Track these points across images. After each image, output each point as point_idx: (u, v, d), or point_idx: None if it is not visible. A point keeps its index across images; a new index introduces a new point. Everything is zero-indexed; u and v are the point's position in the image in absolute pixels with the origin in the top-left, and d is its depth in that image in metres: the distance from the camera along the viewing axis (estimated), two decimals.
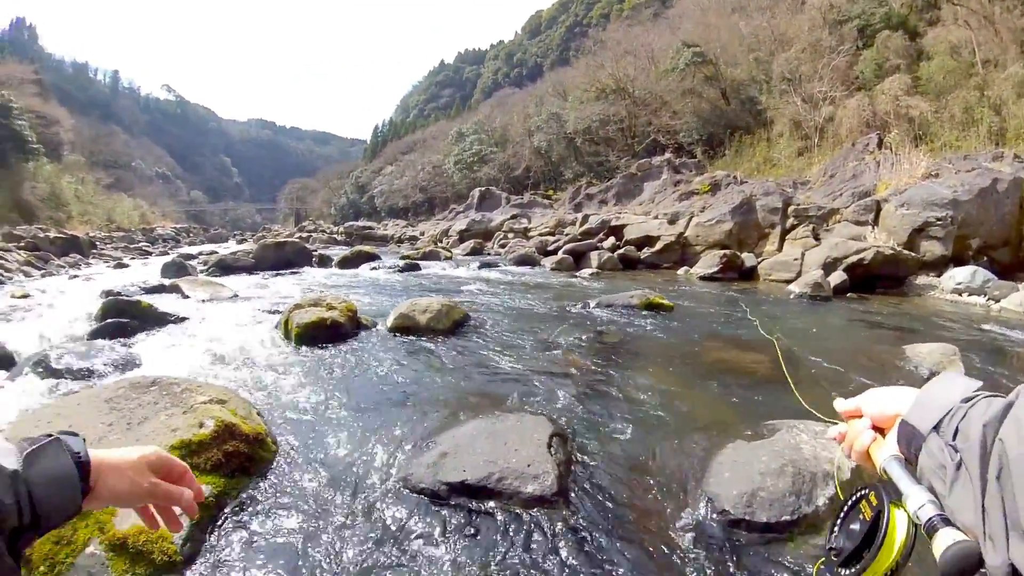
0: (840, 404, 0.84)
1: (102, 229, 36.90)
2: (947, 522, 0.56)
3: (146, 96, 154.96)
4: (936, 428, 0.62)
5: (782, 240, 12.26)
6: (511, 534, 2.30)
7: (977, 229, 9.74)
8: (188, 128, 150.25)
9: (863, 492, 0.68)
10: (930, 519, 0.57)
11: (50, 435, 0.67)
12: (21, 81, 41.91)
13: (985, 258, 9.61)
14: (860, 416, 0.79)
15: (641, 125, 27.61)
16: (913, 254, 9.72)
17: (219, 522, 2.29)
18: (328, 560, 2.14)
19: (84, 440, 0.71)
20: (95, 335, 5.13)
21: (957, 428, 0.59)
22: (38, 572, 1.96)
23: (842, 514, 0.70)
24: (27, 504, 0.60)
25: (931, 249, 9.83)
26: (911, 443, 0.65)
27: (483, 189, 31.73)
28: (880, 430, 0.75)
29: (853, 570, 0.62)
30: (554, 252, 14.94)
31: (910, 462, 0.66)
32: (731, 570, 2.14)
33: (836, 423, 0.85)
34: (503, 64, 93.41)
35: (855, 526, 0.66)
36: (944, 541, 0.54)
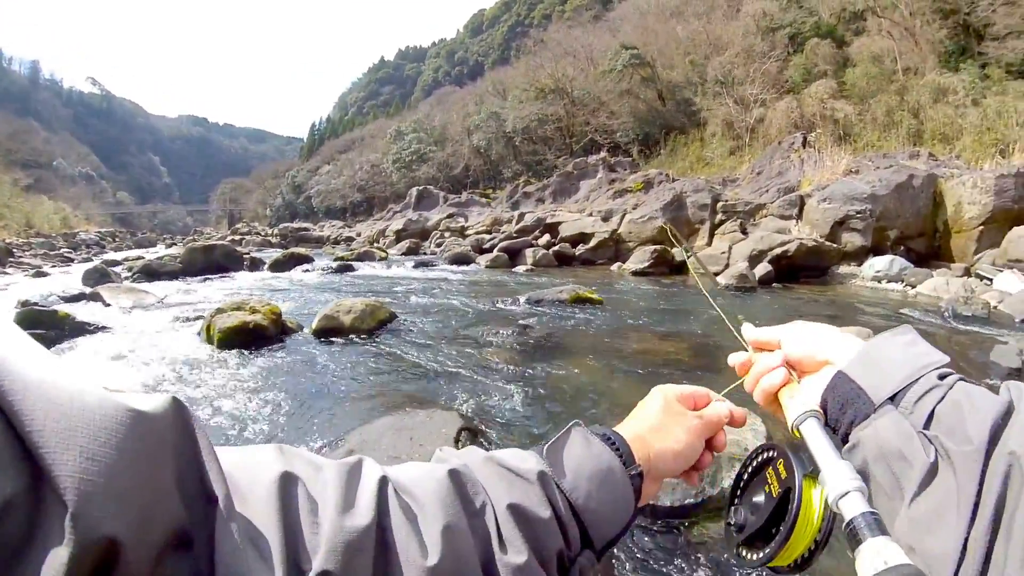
0: (751, 331, 0.67)
1: (20, 235, 34.59)
2: (879, 527, 0.40)
3: (69, 89, 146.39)
4: (893, 400, 0.47)
5: (711, 235, 12.38)
6: None
7: (894, 221, 10.03)
8: (114, 124, 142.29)
9: (768, 455, 0.53)
10: (855, 518, 0.41)
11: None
12: None
13: (902, 248, 9.94)
14: (772, 350, 0.63)
15: (579, 125, 27.75)
16: (835, 245, 9.97)
17: None
18: None
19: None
20: None
21: (933, 412, 0.44)
22: None
23: (742, 481, 0.55)
24: (570, 516, 0.46)
25: (852, 240, 10.11)
26: (846, 406, 0.51)
27: (421, 188, 31.18)
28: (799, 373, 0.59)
29: (761, 554, 0.48)
30: (489, 250, 14.70)
31: (833, 428, 0.52)
32: (635, 554, 2.12)
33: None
34: (444, 62, 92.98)
35: (760, 499, 0.52)
36: (874, 558, 0.38)
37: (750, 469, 0.55)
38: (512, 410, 3.45)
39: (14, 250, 21.24)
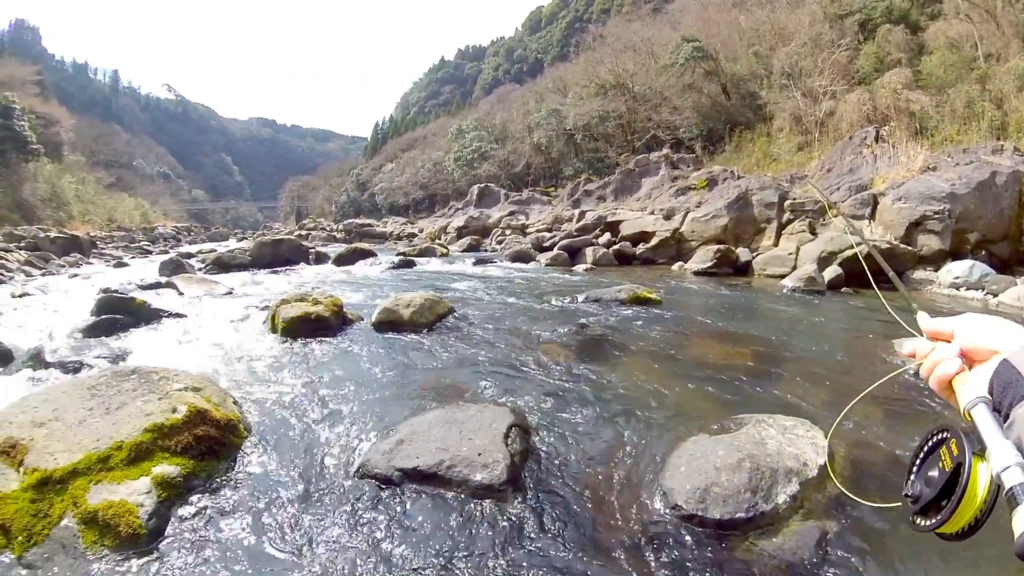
0: (927, 321, 0.75)
1: (103, 229, 36.99)
2: None
3: (146, 95, 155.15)
4: None
5: (778, 235, 12.22)
6: (456, 521, 2.31)
7: (975, 223, 9.66)
8: (189, 127, 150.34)
9: (943, 436, 0.62)
10: (1014, 487, 0.50)
11: None
12: (23, 82, 41.85)
13: (983, 252, 9.52)
14: (948, 340, 0.70)
15: (640, 121, 27.48)
16: (910, 248, 9.69)
17: (185, 501, 2.41)
18: (280, 540, 2.23)
19: None
20: (89, 331, 5.27)
21: None
22: (16, 542, 2.10)
23: (919, 458, 0.64)
24: None
25: (928, 243, 9.78)
26: (1007, 390, 0.57)
27: (482, 186, 31.71)
28: (969, 362, 0.66)
29: (931, 521, 0.58)
30: (550, 248, 14.95)
31: (999, 411, 0.58)
32: (678, 567, 2.09)
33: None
34: (503, 60, 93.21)
35: (934, 473, 0.60)
36: None
37: (927, 447, 0.64)
38: (564, 410, 3.44)
39: (98, 243, 23.20)
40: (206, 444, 2.69)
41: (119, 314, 5.65)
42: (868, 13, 21.59)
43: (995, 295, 8.02)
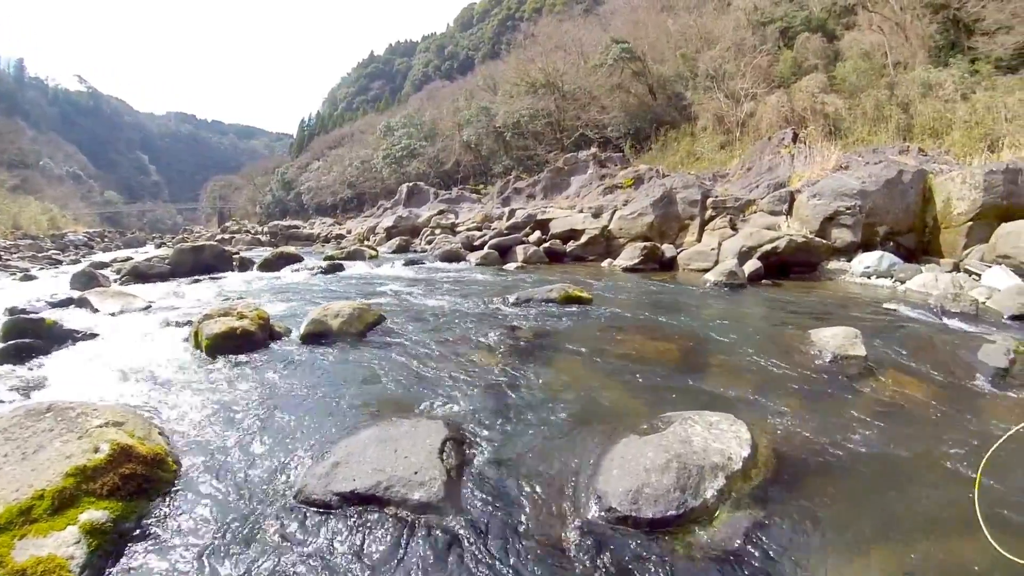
0: None
1: (7, 236, 33.75)
2: None
3: (55, 87, 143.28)
4: None
5: (701, 231, 12.34)
6: (398, 542, 2.29)
7: (884, 217, 10.00)
8: (101, 122, 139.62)
9: None
10: None
11: None
12: None
13: (891, 243, 9.91)
14: None
15: (570, 119, 27.58)
16: (824, 241, 9.93)
17: (118, 548, 2.27)
18: None
19: None
20: None
21: None
22: None
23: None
24: None
25: (841, 236, 10.07)
26: None
27: (411, 184, 31.01)
28: None
29: None
30: (480, 247, 14.60)
31: None
32: (616, 566, 2.14)
33: None
34: (434, 56, 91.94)
35: None
36: None
37: None
38: (498, 417, 3.38)
39: (1, 253, 20.99)
40: (134, 483, 2.57)
41: (29, 338, 5.13)
42: (788, 21, 22.64)
43: (903, 282, 8.33)
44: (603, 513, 2.42)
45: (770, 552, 2.21)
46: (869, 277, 8.92)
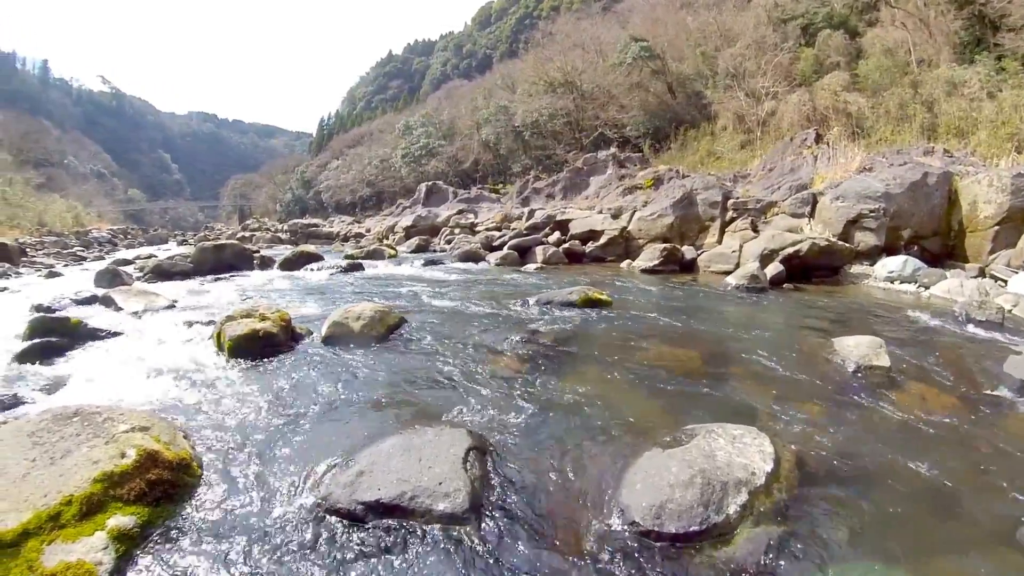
0: None
1: (33, 234, 34.43)
2: None
3: (79, 88, 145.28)
4: None
5: (722, 233, 12.29)
6: (422, 554, 2.29)
7: (908, 220, 9.90)
8: (124, 122, 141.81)
9: None
10: None
11: None
12: None
13: (915, 247, 9.79)
14: None
15: (588, 119, 27.52)
16: (847, 245, 9.84)
17: (144, 553, 2.30)
18: None
19: None
20: (23, 357, 4.85)
21: None
22: None
23: None
24: None
25: (864, 240, 9.98)
26: None
27: (430, 184, 31.13)
28: None
29: None
30: (499, 247, 14.65)
31: None
32: None
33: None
34: (452, 55, 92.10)
35: None
36: None
37: None
38: (521, 426, 3.39)
39: (27, 249, 21.30)
40: (160, 489, 2.58)
41: (54, 336, 5.23)
42: (810, 18, 22.32)
43: (926, 288, 8.23)
44: (626, 527, 2.43)
45: (792, 569, 2.22)
46: (892, 282, 8.82)
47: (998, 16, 16.55)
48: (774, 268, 9.08)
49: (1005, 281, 7.96)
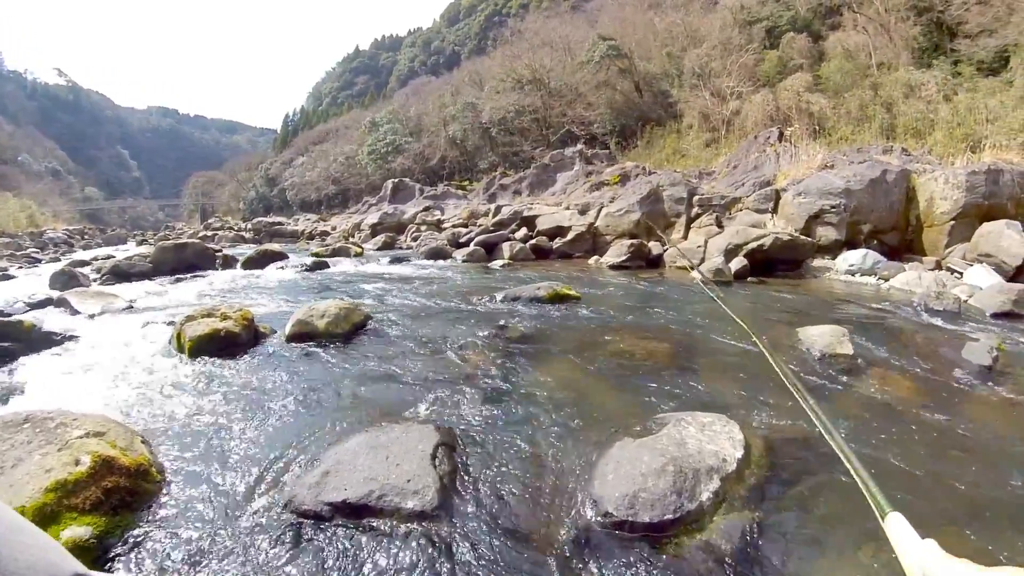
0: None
1: None
2: None
3: (34, 81, 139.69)
4: None
5: (687, 229, 12.37)
6: (391, 553, 2.24)
7: (868, 216, 10.08)
8: (81, 117, 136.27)
9: None
10: None
11: None
12: None
13: (875, 242, 10.00)
14: None
15: (556, 116, 27.49)
16: (809, 239, 10.00)
17: (102, 566, 2.19)
18: None
19: None
20: None
21: None
22: None
23: None
24: None
25: (826, 234, 10.15)
26: None
27: (396, 181, 30.73)
28: None
29: None
30: (466, 244, 14.54)
31: None
32: (613, 572, 2.12)
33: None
34: (420, 52, 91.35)
35: None
36: None
37: None
38: (491, 420, 3.34)
39: None
40: (117, 497, 2.47)
41: (6, 341, 4.97)
42: (774, 21, 22.76)
43: (886, 280, 8.43)
44: (599, 518, 2.41)
45: (766, 553, 2.22)
46: (853, 275, 9.00)
47: (955, 23, 17.08)
48: (738, 262, 9.18)
49: (961, 273, 8.15)
